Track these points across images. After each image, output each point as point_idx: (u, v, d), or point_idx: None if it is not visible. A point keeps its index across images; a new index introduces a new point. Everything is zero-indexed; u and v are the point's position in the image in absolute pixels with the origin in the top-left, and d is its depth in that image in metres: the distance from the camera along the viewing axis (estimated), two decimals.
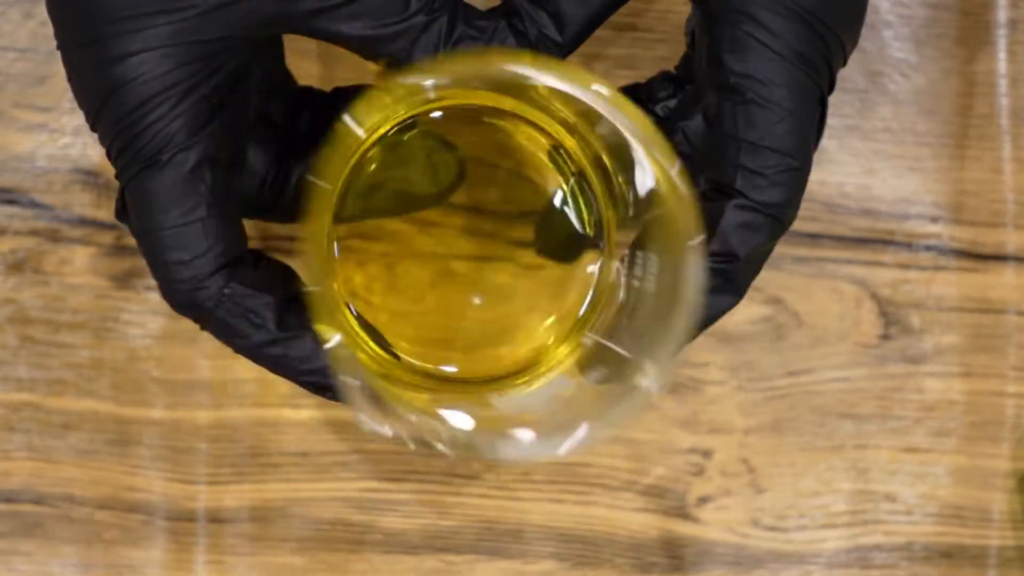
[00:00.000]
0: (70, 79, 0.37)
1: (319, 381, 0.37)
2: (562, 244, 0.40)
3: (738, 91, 0.35)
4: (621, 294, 0.39)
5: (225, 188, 0.37)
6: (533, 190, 0.42)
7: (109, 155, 0.37)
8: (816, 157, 0.47)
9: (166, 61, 0.36)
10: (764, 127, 0.35)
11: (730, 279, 0.36)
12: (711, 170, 0.37)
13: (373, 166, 0.41)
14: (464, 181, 0.40)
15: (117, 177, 0.37)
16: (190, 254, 0.36)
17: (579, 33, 0.37)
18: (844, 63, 0.38)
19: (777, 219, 0.36)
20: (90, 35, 0.36)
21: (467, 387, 0.41)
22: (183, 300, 0.37)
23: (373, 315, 0.41)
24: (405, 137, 0.40)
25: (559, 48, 0.37)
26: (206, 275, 0.36)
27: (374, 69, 0.39)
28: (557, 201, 0.41)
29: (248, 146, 0.39)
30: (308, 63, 0.47)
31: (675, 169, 0.33)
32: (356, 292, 0.41)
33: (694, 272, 0.33)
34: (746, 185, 0.36)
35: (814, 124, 0.36)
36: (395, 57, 0.37)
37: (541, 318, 0.42)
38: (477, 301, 0.42)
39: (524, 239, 0.43)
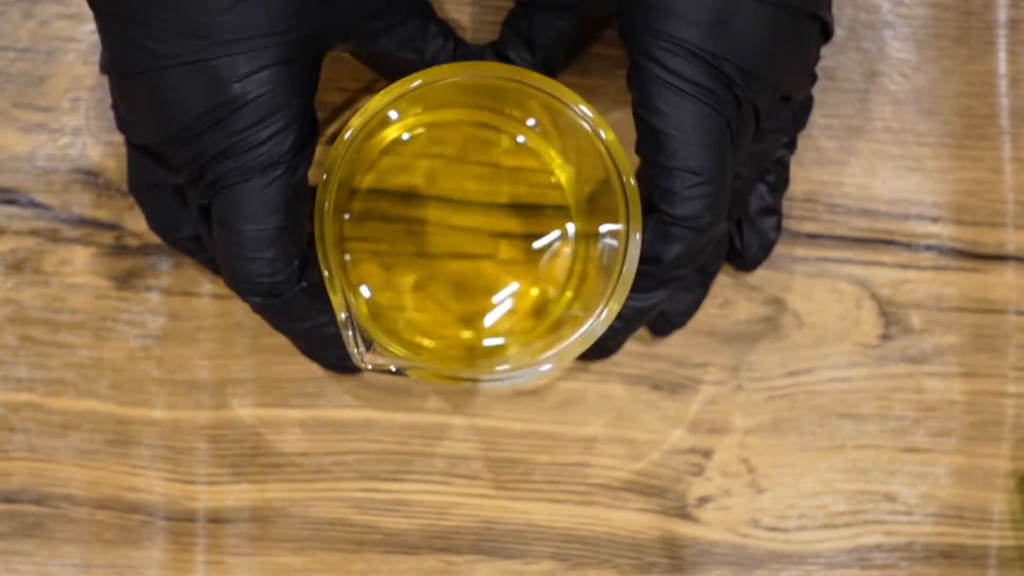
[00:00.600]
0: (147, 93, 0.39)
1: (348, 362, 0.43)
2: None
3: (645, 121, 0.40)
4: (579, 266, 0.44)
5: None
6: (516, 180, 0.45)
7: (206, 161, 0.40)
8: (816, 157, 0.48)
9: (282, 80, 0.39)
10: (670, 151, 0.40)
11: (657, 278, 0.42)
12: (641, 189, 0.41)
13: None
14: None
15: (212, 183, 0.40)
16: (283, 252, 0.40)
17: (547, 57, 0.44)
18: (771, 87, 0.40)
19: (693, 229, 0.40)
20: (199, 55, 0.38)
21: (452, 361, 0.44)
22: (263, 290, 0.41)
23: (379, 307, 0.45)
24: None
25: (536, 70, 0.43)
26: (292, 271, 0.41)
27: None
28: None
29: None
30: None
31: (606, 141, 0.41)
32: (366, 285, 0.45)
33: (631, 250, 0.41)
34: (662, 202, 0.40)
35: (726, 142, 0.40)
36: (413, 71, 0.42)
37: (524, 301, 0.45)
38: (465, 294, 0.45)
39: (509, 230, 0.45)
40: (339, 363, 0.45)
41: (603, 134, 0.41)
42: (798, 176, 0.48)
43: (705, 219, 0.40)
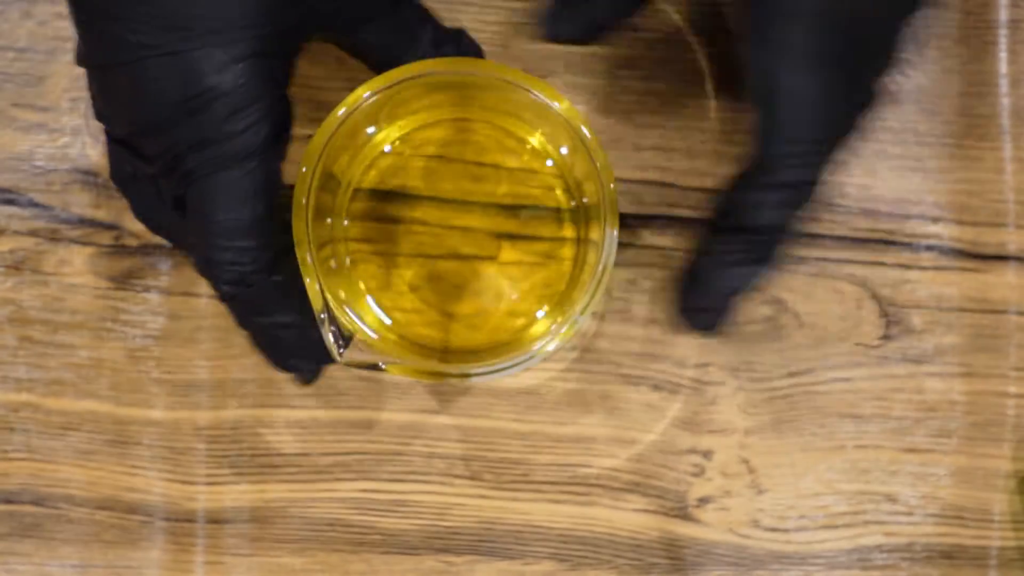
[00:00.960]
0: (125, 85, 0.40)
1: (301, 366, 0.44)
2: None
3: (764, 88, 0.40)
4: (577, 270, 0.45)
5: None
6: (515, 181, 0.45)
7: (181, 152, 0.40)
8: None
9: (257, 73, 0.40)
10: (788, 118, 0.39)
11: (760, 250, 0.42)
12: (752, 158, 0.41)
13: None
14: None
15: (187, 173, 0.40)
16: (255, 243, 0.40)
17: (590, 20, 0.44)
18: (888, 64, 0.41)
19: (803, 198, 0.41)
20: (176, 47, 0.39)
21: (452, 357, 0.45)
22: (233, 278, 0.41)
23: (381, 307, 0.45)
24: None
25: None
26: (264, 261, 0.41)
27: None
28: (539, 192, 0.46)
29: None
30: (313, 66, 0.47)
31: (600, 163, 0.41)
32: (368, 286, 0.45)
33: (607, 247, 0.41)
34: (774, 169, 0.40)
35: (841, 114, 0.40)
36: (396, 63, 0.42)
37: (523, 303, 0.45)
38: (464, 294, 0.45)
39: (509, 231, 0.45)
40: (289, 367, 0.45)
41: (584, 131, 0.41)
42: None
43: (814, 188, 0.41)
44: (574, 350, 0.48)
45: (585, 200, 0.44)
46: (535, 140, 0.45)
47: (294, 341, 0.43)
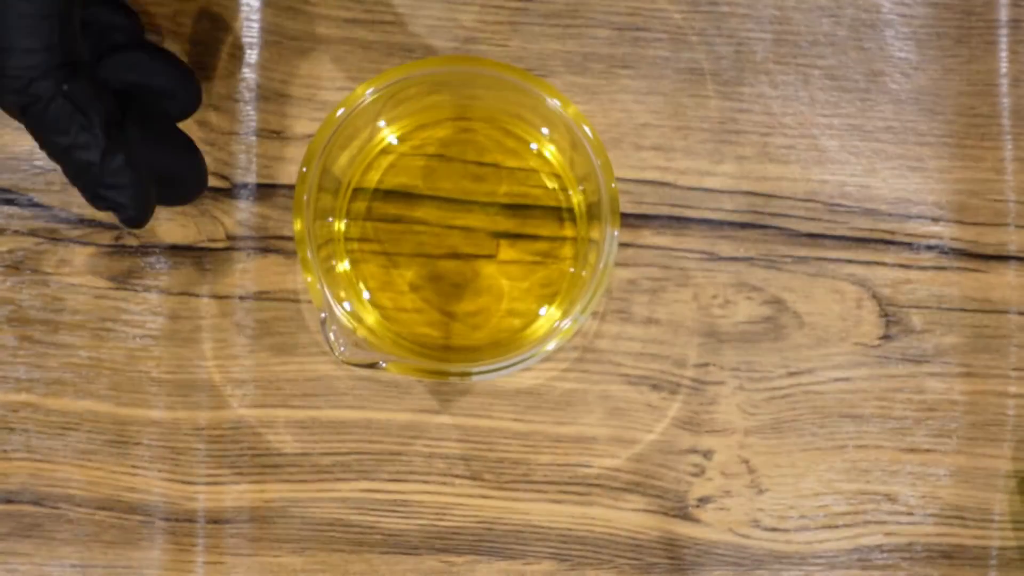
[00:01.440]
0: None
1: (115, 198, 0.40)
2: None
3: None
4: (578, 269, 0.45)
5: None
6: (515, 181, 0.45)
7: None
8: (817, 157, 0.48)
9: None
10: None
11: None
12: None
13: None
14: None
15: None
16: (41, 44, 0.38)
17: None
18: None
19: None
20: None
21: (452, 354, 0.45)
22: (19, 87, 0.38)
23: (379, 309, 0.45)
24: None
25: None
26: (52, 67, 0.38)
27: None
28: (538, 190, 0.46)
29: None
30: (313, 65, 0.47)
31: (599, 162, 0.42)
32: (367, 286, 0.45)
33: (608, 247, 0.42)
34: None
35: None
36: None
37: (523, 303, 0.45)
38: (464, 293, 0.45)
39: (509, 230, 0.45)
40: (104, 201, 0.41)
41: (585, 131, 0.41)
42: (798, 176, 0.48)
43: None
44: (574, 350, 0.48)
45: (586, 200, 0.44)
46: (535, 139, 0.45)
47: (99, 168, 0.40)
